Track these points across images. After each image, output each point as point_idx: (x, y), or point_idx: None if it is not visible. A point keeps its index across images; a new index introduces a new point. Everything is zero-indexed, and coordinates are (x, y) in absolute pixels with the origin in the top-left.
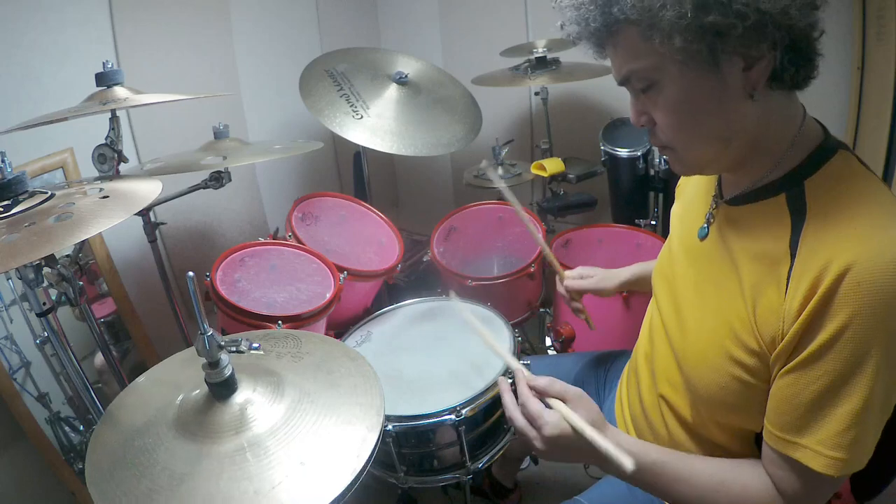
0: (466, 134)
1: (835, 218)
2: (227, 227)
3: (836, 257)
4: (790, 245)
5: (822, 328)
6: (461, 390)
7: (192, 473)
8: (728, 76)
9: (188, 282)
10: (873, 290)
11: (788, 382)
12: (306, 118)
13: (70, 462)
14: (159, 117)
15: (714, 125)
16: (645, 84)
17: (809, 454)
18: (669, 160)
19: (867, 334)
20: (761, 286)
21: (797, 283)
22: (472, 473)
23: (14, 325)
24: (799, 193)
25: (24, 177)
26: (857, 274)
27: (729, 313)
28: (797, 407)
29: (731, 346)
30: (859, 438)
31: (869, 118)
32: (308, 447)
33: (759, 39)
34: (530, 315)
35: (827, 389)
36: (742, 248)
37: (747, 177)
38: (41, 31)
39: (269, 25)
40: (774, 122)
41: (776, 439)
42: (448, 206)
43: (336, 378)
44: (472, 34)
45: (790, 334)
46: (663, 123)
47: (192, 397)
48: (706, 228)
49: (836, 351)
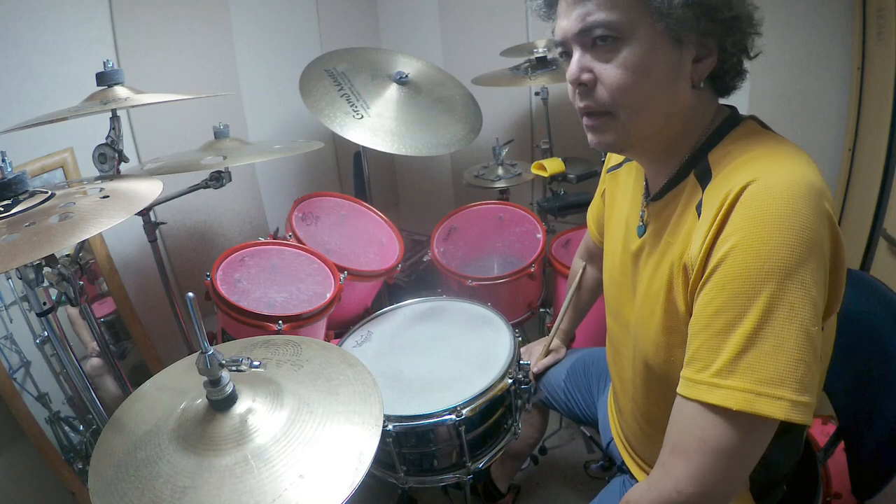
0: (466, 134)
1: (734, 168)
2: (227, 227)
3: (735, 183)
4: (696, 207)
5: (720, 244)
6: (461, 390)
7: (193, 486)
8: (682, 59)
9: (188, 303)
10: (769, 202)
11: (695, 307)
12: (306, 118)
13: (70, 462)
14: (159, 117)
15: (662, 97)
16: (608, 38)
17: (704, 389)
18: (596, 130)
19: (759, 246)
20: (679, 253)
21: (700, 228)
22: (473, 473)
23: (14, 325)
24: (704, 166)
25: (24, 176)
26: (755, 187)
27: (660, 293)
28: (699, 333)
29: (666, 320)
30: (758, 363)
31: (869, 118)
32: (307, 458)
33: (720, 36)
34: (530, 315)
35: (724, 307)
36: (669, 230)
37: (666, 169)
38: (41, 30)
39: (269, 25)
40: (699, 116)
41: (684, 383)
42: (448, 206)
43: (335, 386)
44: (472, 34)
45: (697, 267)
46: (614, 82)
47: (194, 406)
48: (643, 227)
49: (730, 263)
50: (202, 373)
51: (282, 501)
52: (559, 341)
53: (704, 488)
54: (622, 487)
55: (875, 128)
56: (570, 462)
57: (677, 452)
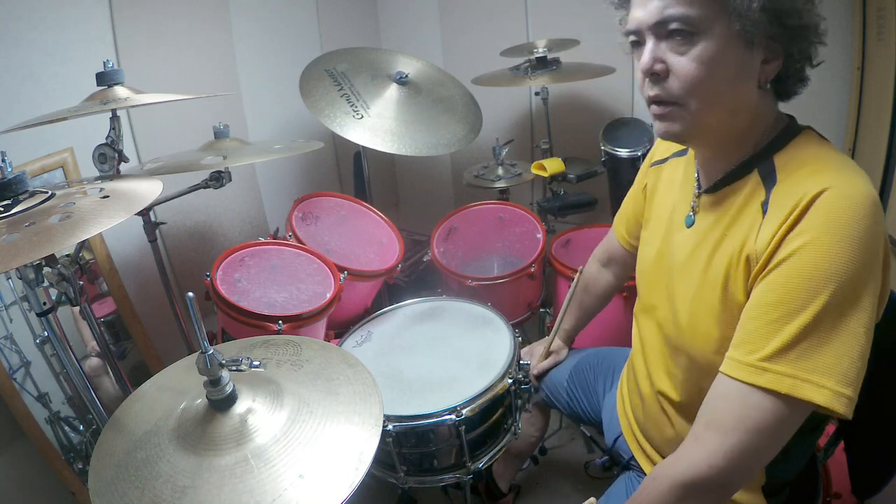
0: (466, 134)
1: (801, 172)
2: (227, 227)
3: (809, 189)
4: (762, 204)
5: (790, 241)
6: (461, 390)
7: (193, 486)
8: (752, 60)
9: (188, 303)
10: (842, 209)
11: (753, 295)
12: (306, 118)
13: (70, 462)
14: (159, 117)
15: (730, 92)
16: (683, 32)
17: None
18: (664, 118)
19: (829, 249)
20: (739, 245)
21: (768, 225)
22: (473, 473)
23: (14, 325)
24: (769, 165)
25: (24, 176)
26: (830, 194)
27: (716, 283)
28: (755, 319)
29: (720, 311)
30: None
31: (869, 118)
32: (307, 458)
33: (788, 42)
34: (530, 315)
35: (784, 299)
36: (725, 222)
37: (723, 163)
38: (41, 30)
39: (269, 25)
40: (762, 116)
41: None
42: (448, 206)
43: (335, 386)
44: (472, 34)
45: (763, 258)
46: (686, 74)
47: (194, 406)
48: (692, 217)
49: (798, 259)
50: (202, 372)
51: (282, 501)
52: (560, 342)
53: (734, 464)
54: (629, 484)
55: (875, 128)
56: (570, 462)
57: (714, 427)
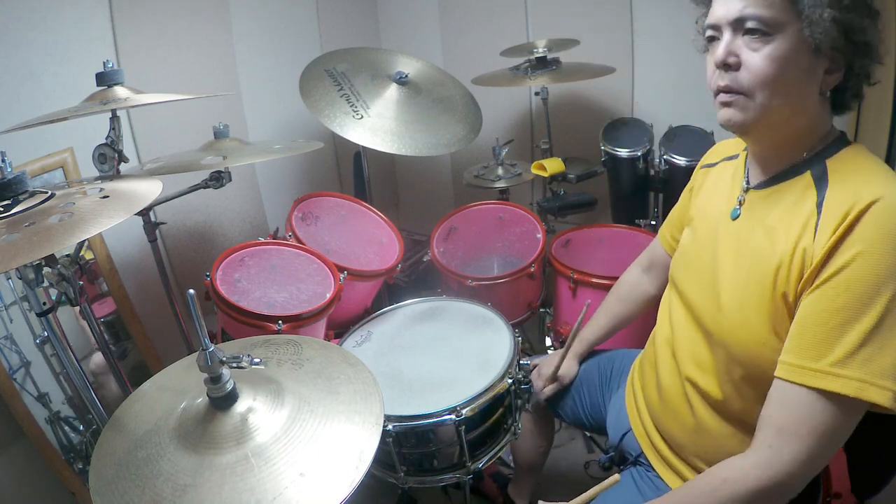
0: (466, 134)
1: (856, 179)
2: (227, 227)
3: (864, 196)
4: (817, 204)
5: (845, 249)
6: (461, 390)
7: (194, 484)
8: (817, 67)
9: (189, 299)
10: (893, 224)
11: (809, 302)
12: (306, 118)
13: (70, 462)
14: (159, 117)
15: (794, 92)
16: (758, 31)
17: (821, 377)
18: (730, 106)
19: (885, 255)
20: (794, 238)
21: (825, 224)
22: (472, 473)
23: (14, 325)
24: (822, 168)
25: (24, 177)
26: (882, 204)
27: (766, 273)
28: (816, 325)
29: (766, 299)
30: (872, 358)
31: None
32: (308, 457)
33: (851, 56)
34: (530, 315)
35: (845, 306)
36: (774, 217)
37: (776, 162)
38: (41, 30)
39: (269, 25)
40: (818, 123)
41: (794, 369)
42: (448, 206)
43: (336, 385)
44: (472, 34)
45: (817, 259)
46: (757, 68)
47: (195, 406)
48: (738, 210)
49: (855, 267)
50: (202, 369)
51: (282, 499)
52: (572, 361)
53: (808, 469)
54: (634, 480)
55: (875, 128)
56: (570, 462)
57: (788, 434)
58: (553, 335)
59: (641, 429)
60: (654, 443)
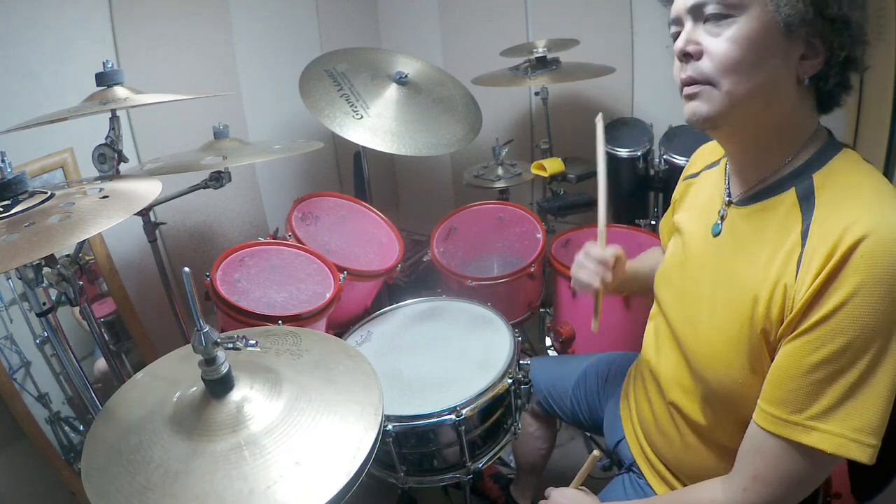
0: (466, 134)
1: (844, 203)
2: (227, 227)
3: (850, 230)
4: (801, 233)
5: (830, 295)
6: (461, 390)
7: (186, 471)
8: (789, 50)
9: (184, 278)
10: (884, 262)
11: (790, 350)
12: (306, 118)
13: (70, 462)
14: (159, 117)
15: (763, 78)
16: (722, 12)
17: (799, 431)
18: (694, 98)
19: (874, 305)
20: (775, 272)
21: (809, 261)
22: (472, 473)
23: (14, 325)
24: (808, 186)
25: (24, 177)
26: (870, 243)
27: (743, 303)
28: (798, 377)
29: (743, 336)
30: (854, 412)
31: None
32: (305, 446)
33: (828, 38)
34: (530, 315)
35: (829, 359)
36: (755, 242)
37: (755, 171)
38: (41, 30)
39: (269, 25)
40: (799, 121)
41: (773, 420)
42: (448, 206)
43: (334, 375)
44: (472, 34)
45: (799, 304)
46: (720, 54)
47: (189, 394)
48: (720, 225)
49: (841, 317)
50: (197, 351)
51: (277, 488)
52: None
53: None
54: (625, 486)
55: (875, 128)
56: (569, 462)
57: (762, 482)
58: (553, 335)
59: (634, 439)
60: (646, 454)
